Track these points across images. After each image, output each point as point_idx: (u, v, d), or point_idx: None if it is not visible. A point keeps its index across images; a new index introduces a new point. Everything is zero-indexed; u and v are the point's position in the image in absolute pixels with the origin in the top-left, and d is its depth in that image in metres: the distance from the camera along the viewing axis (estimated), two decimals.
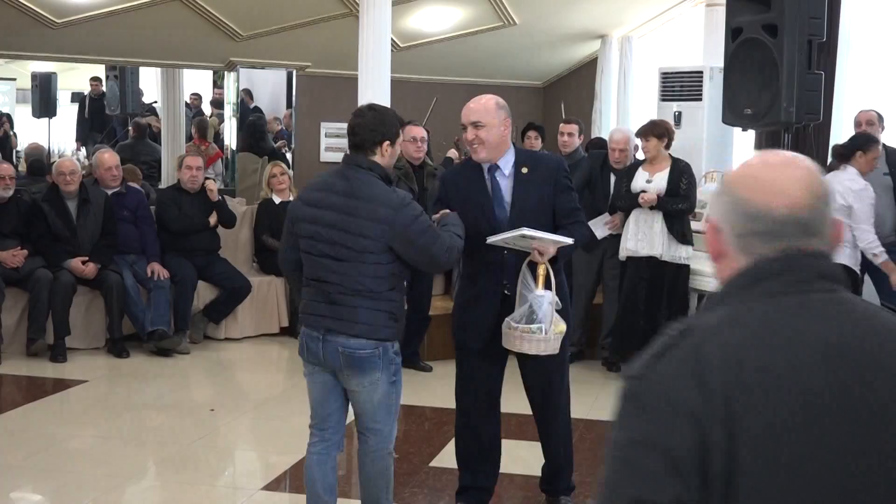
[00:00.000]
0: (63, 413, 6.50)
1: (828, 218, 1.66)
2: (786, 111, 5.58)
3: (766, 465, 1.50)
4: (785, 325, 1.58)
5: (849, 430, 1.53)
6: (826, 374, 1.54)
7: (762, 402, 1.51)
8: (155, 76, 12.53)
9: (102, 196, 7.99)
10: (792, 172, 1.68)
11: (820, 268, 1.64)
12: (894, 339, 1.61)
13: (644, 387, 1.57)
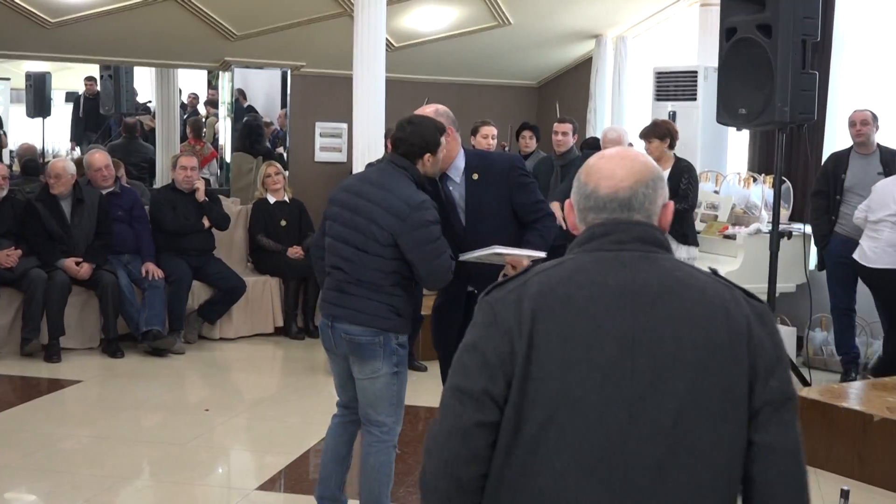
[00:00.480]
0: (58, 413, 6.49)
1: (653, 200, 2.09)
2: (780, 111, 5.58)
3: (552, 372, 1.93)
4: (595, 270, 2.01)
5: (627, 351, 1.93)
6: (618, 308, 1.95)
7: (559, 324, 1.96)
8: (149, 76, 12.51)
9: (96, 196, 7.98)
10: (619, 163, 2.10)
11: (637, 233, 2.05)
12: (682, 284, 2.00)
13: (483, 306, 2.05)
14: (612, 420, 1.91)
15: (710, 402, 1.94)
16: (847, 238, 7.22)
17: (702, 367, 1.94)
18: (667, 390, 1.92)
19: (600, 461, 1.91)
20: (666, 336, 1.94)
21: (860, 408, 5.51)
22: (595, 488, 1.91)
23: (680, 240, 7.15)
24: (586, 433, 1.92)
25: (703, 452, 1.93)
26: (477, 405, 1.97)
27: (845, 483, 5.15)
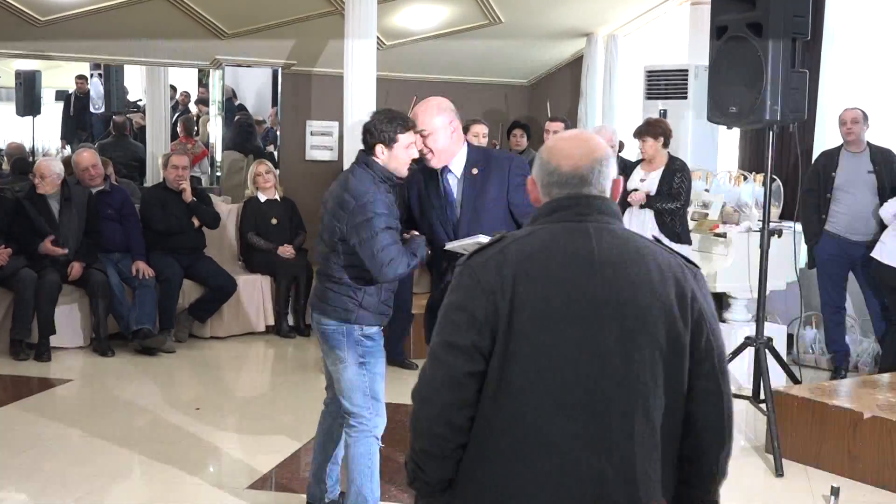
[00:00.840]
0: (48, 412, 6.47)
1: (605, 176, 2.39)
2: (770, 109, 5.58)
3: (532, 329, 2.22)
4: (565, 239, 2.31)
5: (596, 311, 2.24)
6: (588, 273, 2.27)
7: (537, 287, 2.25)
8: (140, 74, 12.48)
9: (85, 194, 7.97)
10: (577, 144, 2.42)
11: (596, 206, 2.36)
12: (639, 253, 2.31)
13: (465, 271, 2.32)
14: (586, 370, 2.23)
15: (664, 354, 2.27)
16: (838, 236, 7.24)
17: (658, 324, 2.27)
18: (631, 344, 2.25)
19: (576, 406, 2.23)
20: (629, 298, 2.27)
21: (850, 405, 5.53)
22: (573, 428, 2.22)
23: (673, 238, 7.15)
24: (564, 382, 2.23)
25: (658, 398, 2.27)
26: (467, 357, 2.25)
27: (836, 480, 5.17)
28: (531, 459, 2.23)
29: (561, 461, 2.22)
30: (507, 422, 2.24)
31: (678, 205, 7.16)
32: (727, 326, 7.36)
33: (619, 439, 2.23)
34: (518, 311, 2.24)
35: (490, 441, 2.26)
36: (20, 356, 7.52)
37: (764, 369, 5.85)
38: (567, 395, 2.23)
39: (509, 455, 2.24)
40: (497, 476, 2.26)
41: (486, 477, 2.27)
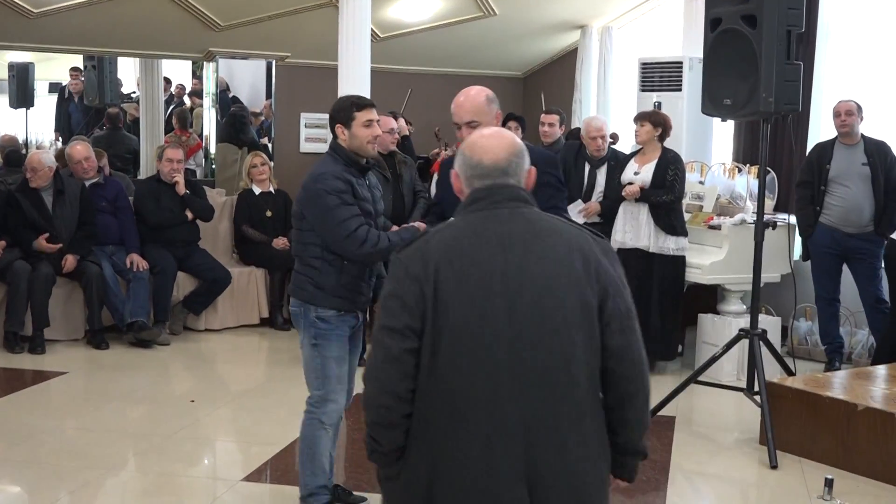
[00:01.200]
0: (42, 405, 6.47)
1: (521, 168, 2.72)
2: (765, 101, 5.58)
3: (454, 306, 2.54)
4: (478, 225, 2.63)
5: (508, 284, 2.55)
6: (498, 253, 2.58)
7: (455, 270, 2.56)
8: (133, 66, 12.45)
9: (78, 187, 7.95)
10: (497, 140, 2.74)
11: (512, 194, 2.67)
12: (546, 231, 2.63)
13: (396, 263, 2.63)
14: (505, 336, 2.54)
15: (573, 316, 2.57)
16: (832, 228, 7.25)
17: (565, 290, 2.58)
18: (542, 311, 2.56)
19: (499, 368, 2.54)
20: (537, 270, 2.58)
21: (844, 397, 5.54)
22: (498, 388, 2.53)
23: (668, 231, 7.17)
24: (487, 348, 2.54)
25: (571, 354, 2.57)
26: (402, 337, 2.55)
27: (829, 472, 5.18)
28: (465, 419, 2.54)
29: (489, 417, 2.54)
30: (442, 388, 2.56)
31: (672, 197, 7.16)
32: (722, 319, 7.37)
33: (541, 394, 2.55)
34: (442, 292, 2.56)
35: (430, 407, 2.57)
36: (15, 349, 7.51)
37: (758, 361, 5.86)
38: (490, 360, 2.54)
39: (446, 417, 2.56)
40: (438, 437, 2.57)
41: (429, 439, 2.58)
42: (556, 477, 2.57)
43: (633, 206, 7.18)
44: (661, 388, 6.71)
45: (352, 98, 4.48)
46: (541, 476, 2.56)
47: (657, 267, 7.20)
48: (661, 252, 7.18)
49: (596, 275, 2.61)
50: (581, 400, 2.59)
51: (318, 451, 4.42)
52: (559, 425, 2.56)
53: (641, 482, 5.21)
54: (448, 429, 2.57)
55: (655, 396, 6.35)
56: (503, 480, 2.55)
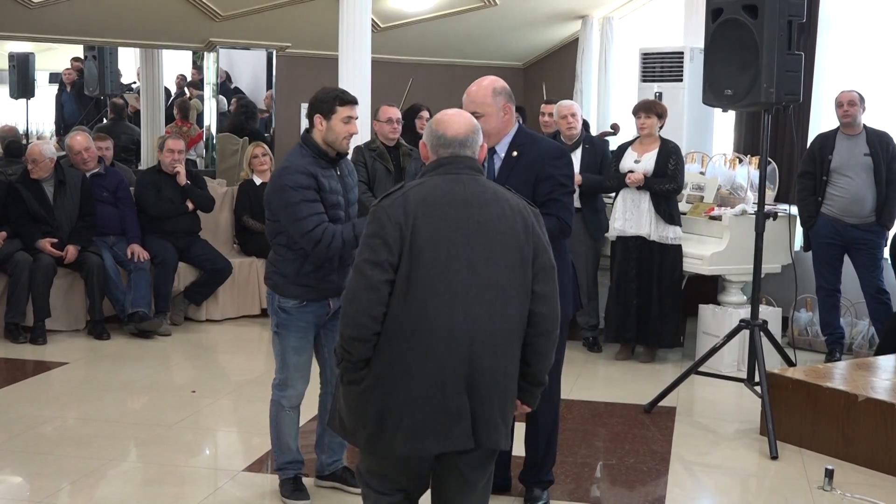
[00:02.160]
0: (43, 395, 6.48)
1: (476, 142, 3.37)
2: (766, 92, 5.58)
3: (426, 248, 3.16)
4: (446, 186, 3.27)
5: (468, 235, 3.21)
6: (461, 209, 3.23)
7: (428, 220, 3.19)
8: (134, 57, 12.44)
9: (79, 177, 7.95)
10: (459, 118, 3.40)
11: (469, 164, 3.34)
12: (496, 196, 3.29)
13: (379, 210, 3.23)
14: (464, 275, 3.19)
15: (515, 265, 3.24)
16: (834, 219, 7.25)
17: (510, 245, 3.25)
18: (493, 259, 3.22)
19: (455, 298, 3.18)
20: (491, 227, 3.23)
21: (845, 388, 5.54)
22: (456, 313, 3.17)
23: (667, 220, 7.19)
24: (447, 282, 3.18)
25: (512, 296, 3.23)
26: (381, 270, 3.16)
27: (830, 462, 5.19)
28: (425, 336, 3.16)
29: (445, 335, 3.16)
30: (411, 312, 3.16)
31: (675, 186, 7.19)
32: (722, 309, 7.37)
33: (485, 320, 3.20)
34: (417, 237, 3.17)
35: (398, 327, 3.17)
36: (16, 339, 7.52)
37: (759, 352, 5.86)
38: (450, 292, 3.17)
39: (410, 335, 3.16)
40: (402, 349, 3.18)
41: (394, 351, 3.18)
42: (489, 387, 3.21)
43: (635, 193, 7.19)
44: (661, 379, 6.73)
45: (337, 91, 4.55)
46: (478, 385, 3.20)
47: (657, 255, 7.23)
48: (661, 241, 7.20)
49: (532, 234, 3.29)
50: (512, 330, 3.24)
51: (282, 431, 4.69)
52: (495, 345, 3.21)
53: (642, 472, 5.22)
54: (410, 345, 3.17)
55: (656, 386, 6.38)
56: (452, 389, 3.17)
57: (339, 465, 4.86)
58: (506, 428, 3.29)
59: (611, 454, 5.46)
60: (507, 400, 3.29)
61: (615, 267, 7.40)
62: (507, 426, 3.31)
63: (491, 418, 3.22)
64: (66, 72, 12.50)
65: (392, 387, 3.19)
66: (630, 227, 7.22)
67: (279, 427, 4.69)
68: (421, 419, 3.18)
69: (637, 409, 6.25)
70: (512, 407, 3.33)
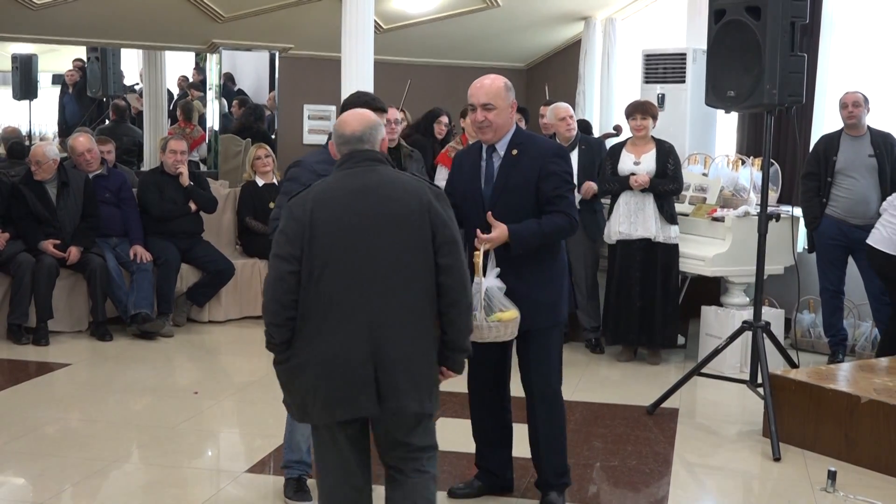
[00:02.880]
0: (46, 397, 6.48)
1: (375, 136, 3.65)
2: (769, 93, 5.57)
3: (322, 238, 3.47)
4: (344, 179, 3.58)
5: (361, 221, 3.50)
6: (354, 199, 3.52)
7: (324, 211, 3.50)
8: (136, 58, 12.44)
9: (82, 178, 7.96)
10: (356, 116, 3.70)
11: (366, 156, 3.61)
12: (392, 182, 3.57)
13: (285, 208, 3.58)
14: (359, 259, 3.48)
15: (413, 244, 3.50)
16: (838, 220, 7.24)
17: (406, 226, 3.50)
18: (388, 241, 3.49)
19: (357, 278, 3.47)
20: (384, 210, 3.51)
21: (848, 389, 5.53)
22: (356, 292, 3.46)
23: (669, 220, 7.23)
24: (348, 267, 3.47)
25: (413, 272, 3.50)
26: (286, 262, 3.49)
27: (833, 464, 5.19)
28: (331, 315, 3.47)
29: (349, 316, 3.46)
30: (317, 295, 3.47)
31: (677, 186, 7.23)
32: (725, 311, 7.37)
33: (384, 300, 3.47)
34: (315, 229, 3.48)
35: (309, 310, 3.48)
36: (19, 340, 7.52)
37: (761, 353, 5.86)
38: (350, 276, 3.47)
39: (319, 315, 3.47)
40: (313, 329, 3.49)
41: (307, 332, 3.50)
42: (393, 360, 3.47)
43: (638, 196, 7.19)
44: (664, 380, 6.72)
45: (366, 97, 4.55)
46: (381, 358, 3.47)
47: (660, 256, 7.24)
48: (666, 241, 7.22)
49: (429, 213, 3.52)
50: (415, 306, 3.50)
51: (295, 429, 4.70)
52: (395, 323, 3.48)
53: (644, 474, 5.22)
54: (321, 325, 3.48)
55: (658, 388, 6.38)
56: (356, 361, 3.47)
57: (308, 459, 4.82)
58: (418, 392, 3.52)
59: (613, 456, 5.45)
60: (417, 368, 3.53)
61: (615, 269, 7.38)
62: (422, 391, 3.54)
63: (397, 385, 3.48)
64: (69, 73, 12.50)
65: (308, 363, 3.51)
66: (636, 229, 7.22)
67: (293, 424, 4.67)
68: (332, 390, 3.49)
69: (639, 411, 6.25)
70: (427, 374, 3.57)
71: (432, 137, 8.48)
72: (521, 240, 4.36)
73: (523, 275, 4.43)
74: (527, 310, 4.42)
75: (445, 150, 7.78)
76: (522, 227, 4.37)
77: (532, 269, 4.46)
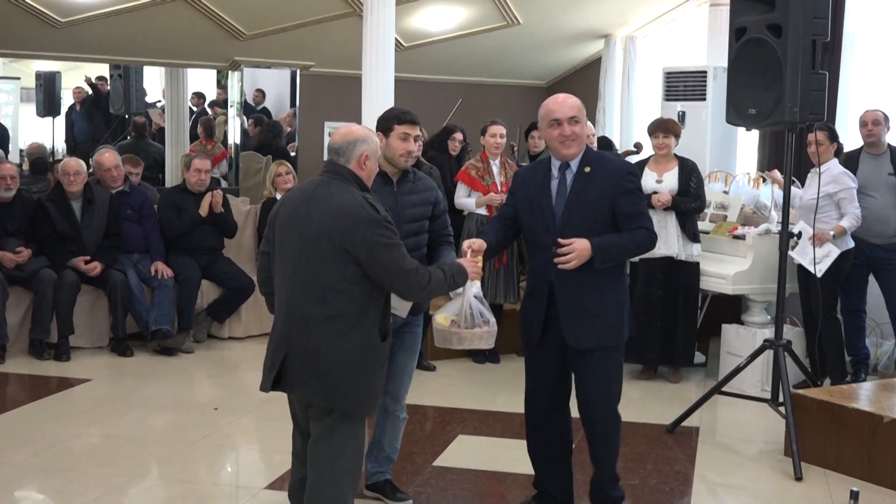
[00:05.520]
0: (67, 412, 6.50)
1: (351, 151, 3.97)
2: (790, 111, 5.56)
3: (278, 234, 3.99)
4: (304, 186, 4.01)
5: (300, 226, 3.88)
6: (300, 205, 3.92)
7: (280, 210, 4.00)
8: (159, 75, 12.54)
9: (107, 195, 8.00)
10: (343, 130, 4.04)
11: (332, 168, 3.96)
12: (328, 197, 3.87)
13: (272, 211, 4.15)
14: (294, 256, 3.90)
15: (330, 251, 3.81)
16: (858, 239, 7.20)
17: (328, 234, 3.81)
18: (312, 244, 3.85)
19: (283, 273, 3.96)
20: (316, 219, 3.85)
21: (870, 409, 5.50)
22: (286, 287, 3.94)
23: (691, 238, 7.20)
24: (286, 261, 3.94)
25: (325, 276, 3.83)
26: (263, 253, 4.18)
27: (855, 484, 5.14)
28: (278, 296, 4.01)
29: (280, 302, 3.99)
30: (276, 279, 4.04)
31: (699, 204, 7.21)
32: (746, 329, 7.33)
33: (302, 297, 3.87)
34: (273, 223, 4.03)
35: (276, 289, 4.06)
36: (41, 356, 7.56)
37: (783, 372, 5.83)
38: (287, 270, 3.93)
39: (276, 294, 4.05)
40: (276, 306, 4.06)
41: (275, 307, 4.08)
42: (298, 353, 3.88)
43: (661, 214, 7.16)
44: (684, 399, 6.69)
45: (397, 111, 4.71)
46: (291, 349, 3.91)
47: (683, 274, 7.21)
48: (688, 259, 7.20)
49: (357, 231, 3.77)
50: (334, 305, 3.83)
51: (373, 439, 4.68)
52: (308, 321, 3.86)
53: (665, 493, 5.19)
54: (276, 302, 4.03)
55: (679, 406, 6.35)
56: (273, 348, 4.00)
57: (382, 477, 4.88)
58: (321, 383, 3.89)
59: (633, 474, 5.42)
60: (324, 363, 3.85)
61: (637, 289, 7.35)
62: (328, 383, 3.88)
63: (297, 374, 3.93)
64: (77, 90, 12.60)
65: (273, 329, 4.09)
66: (658, 248, 7.19)
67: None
68: (266, 363, 4.08)
69: (660, 430, 6.22)
70: (334, 368, 3.85)
71: (447, 153, 8.49)
72: (605, 253, 4.38)
73: (590, 292, 4.44)
74: (592, 327, 4.43)
75: (465, 167, 7.79)
76: (605, 241, 4.39)
77: (600, 287, 4.47)
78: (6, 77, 13.48)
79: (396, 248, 3.82)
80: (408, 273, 3.85)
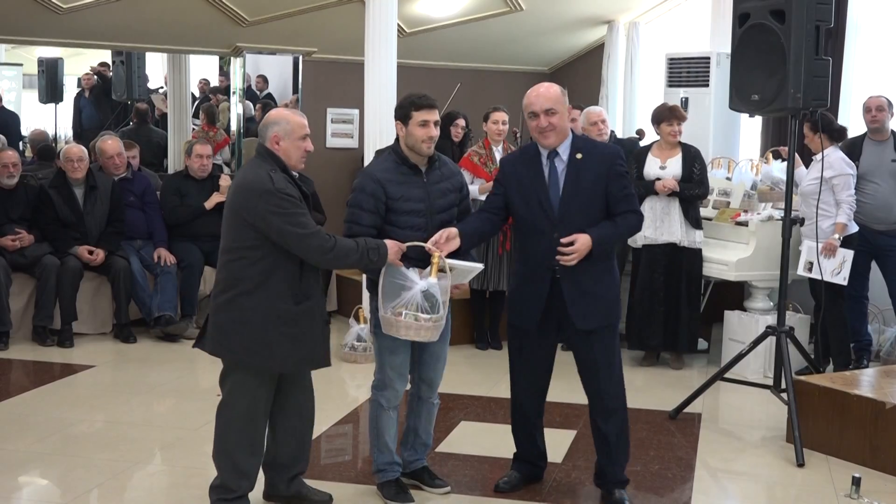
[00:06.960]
0: (70, 398, 6.52)
1: (266, 133, 4.26)
2: (793, 97, 5.55)
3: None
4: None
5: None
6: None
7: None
8: (161, 62, 12.50)
9: (109, 182, 8.01)
10: (268, 115, 4.33)
11: (257, 148, 4.30)
12: (242, 173, 4.39)
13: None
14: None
15: (233, 221, 4.29)
16: (861, 225, 7.19)
17: (233, 206, 4.26)
18: (226, 217, 4.32)
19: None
20: (230, 194, 4.32)
21: (872, 395, 5.50)
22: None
23: (694, 225, 7.21)
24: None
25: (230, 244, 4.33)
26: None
27: (857, 470, 5.16)
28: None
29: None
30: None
31: (703, 191, 7.22)
32: (748, 315, 7.34)
33: (218, 265, 4.40)
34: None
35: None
36: (44, 342, 7.58)
37: (785, 358, 5.83)
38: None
39: None
40: None
41: None
42: (211, 311, 4.40)
43: (664, 200, 7.16)
44: (686, 385, 6.70)
45: (413, 97, 4.61)
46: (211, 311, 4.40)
47: (685, 261, 7.22)
48: (691, 245, 7.20)
49: (258, 202, 4.11)
50: (235, 270, 4.26)
51: (380, 431, 4.68)
52: (218, 282, 4.36)
53: (667, 479, 5.20)
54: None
55: (681, 393, 6.36)
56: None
57: (419, 464, 4.89)
58: (215, 337, 4.43)
59: (636, 460, 5.43)
60: (226, 323, 4.35)
61: (639, 275, 7.37)
62: (217, 337, 4.43)
63: (209, 332, 4.46)
64: (86, 76, 12.57)
65: None
66: (661, 234, 7.21)
67: (378, 427, 4.70)
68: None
69: (662, 416, 6.23)
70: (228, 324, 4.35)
71: (449, 140, 8.48)
72: (604, 244, 4.52)
73: (594, 274, 4.53)
74: (592, 308, 4.53)
75: (468, 154, 7.78)
76: (602, 232, 4.49)
77: (600, 268, 4.56)
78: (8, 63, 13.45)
79: (292, 216, 4.09)
80: (304, 237, 4.12)
